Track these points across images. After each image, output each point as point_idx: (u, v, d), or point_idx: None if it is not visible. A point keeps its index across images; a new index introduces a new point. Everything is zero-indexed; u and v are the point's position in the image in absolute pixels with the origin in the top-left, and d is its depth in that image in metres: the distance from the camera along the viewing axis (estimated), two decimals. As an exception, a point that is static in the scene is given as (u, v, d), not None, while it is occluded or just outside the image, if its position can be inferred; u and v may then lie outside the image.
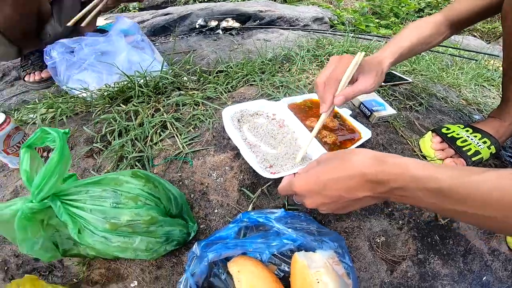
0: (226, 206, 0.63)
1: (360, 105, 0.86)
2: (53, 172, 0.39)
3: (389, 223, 0.65)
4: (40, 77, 1.04)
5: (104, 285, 0.57)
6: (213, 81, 0.99)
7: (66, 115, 0.82)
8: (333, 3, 3.18)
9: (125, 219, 0.43)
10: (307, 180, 0.44)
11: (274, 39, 1.41)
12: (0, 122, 0.66)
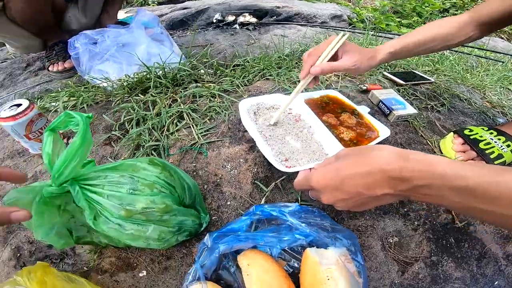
0: (239, 199, 0.63)
1: (379, 103, 0.84)
2: (75, 155, 0.39)
3: (404, 223, 0.63)
4: (64, 67, 1.07)
5: (113, 274, 0.57)
6: (230, 74, 0.99)
7: (87, 103, 0.84)
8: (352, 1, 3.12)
9: (140, 206, 0.43)
10: (325, 175, 0.43)
11: (292, 35, 1.40)
12: (24, 108, 0.68)
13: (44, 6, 0.96)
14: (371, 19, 2.04)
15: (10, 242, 0.63)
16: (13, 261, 0.61)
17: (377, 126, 0.73)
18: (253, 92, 0.87)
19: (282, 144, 0.64)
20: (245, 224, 0.53)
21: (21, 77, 1.12)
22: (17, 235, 0.64)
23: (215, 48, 1.25)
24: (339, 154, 0.46)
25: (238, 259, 0.51)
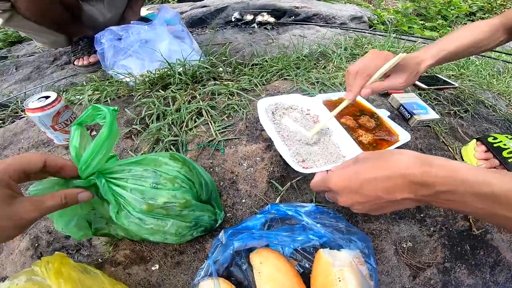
0: (254, 197, 0.63)
1: (399, 107, 0.82)
2: (101, 147, 0.40)
3: (419, 229, 0.63)
4: (88, 61, 1.10)
5: (126, 266, 0.58)
6: (248, 73, 0.99)
7: (110, 97, 0.86)
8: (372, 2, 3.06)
9: (162, 201, 0.44)
10: (344, 177, 0.43)
11: (310, 35, 1.39)
12: (52, 100, 0.71)
13: (49, 4, 0.98)
14: (393, 21, 1.99)
15: (29, 231, 0.65)
16: (31, 251, 0.63)
17: (397, 130, 0.72)
18: (271, 92, 0.87)
19: (299, 145, 0.64)
20: (259, 222, 0.54)
21: (48, 71, 1.17)
22: (36, 225, 0.66)
23: (234, 46, 1.26)
24: (358, 157, 0.45)
25: (251, 256, 0.52)
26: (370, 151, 0.47)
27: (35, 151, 0.82)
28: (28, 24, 1.01)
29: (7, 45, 1.41)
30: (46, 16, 1.00)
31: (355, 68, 0.60)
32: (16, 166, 0.36)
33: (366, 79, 0.59)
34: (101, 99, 0.87)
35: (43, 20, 1.01)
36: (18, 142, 0.87)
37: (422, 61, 0.63)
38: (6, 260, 0.64)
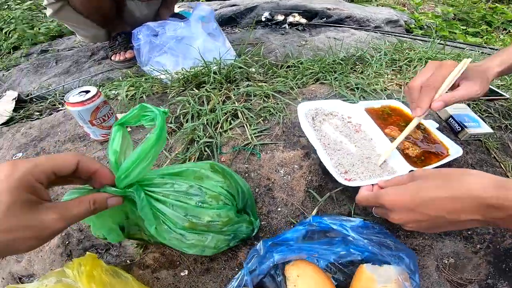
0: (290, 206, 0.60)
1: (448, 118, 0.76)
2: (147, 155, 0.35)
3: (465, 245, 0.60)
4: (125, 57, 1.12)
5: (155, 270, 0.57)
6: (282, 75, 0.96)
7: (146, 93, 0.86)
8: (406, 6, 2.93)
9: (206, 220, 0.41)
10: (402, 195, 0.42)
11: (345, 38, 1.34)
12: (92, 95, 0.71)
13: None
14: (432, 26, 1.89)
15: None
16: (61, 248, 0.63)
17: (447, 143, 0.66)
18: (307, 95, 0.84)
19: (341, 155, 0.60)
20: (300, 234, 0.51)
21: (85, 65, 1.20)
22: None
23: (266, 47, 1.23)
24: (415, 175, 0.44)
25: (287, 268, 0.50)
26: (429, 169, 0.46)
27: (71, 144, 0.83)
28: (76, 17, 1.03)
29: (48, 39, 1.47)
30: (96, 11, 1.02)
31: (417, 83, 0.55)
32: (45, 167, 0.31)
33: (433, 92, 0.53)
34: (137, 95, 0.87)
35: (92, 14, 1.03)
36: (55, 134, 0.89)
37: (488, 68, 0.57)
38: (35, 257, 0.64)
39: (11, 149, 0.90)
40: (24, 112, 1.05)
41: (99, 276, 0.46)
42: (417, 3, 2.56)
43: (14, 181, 0.28)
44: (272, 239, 0.49)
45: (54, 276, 0.48)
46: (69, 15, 1.02)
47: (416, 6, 2.34)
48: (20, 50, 1.39)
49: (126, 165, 0.36)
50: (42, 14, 1.66)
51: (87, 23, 1.07)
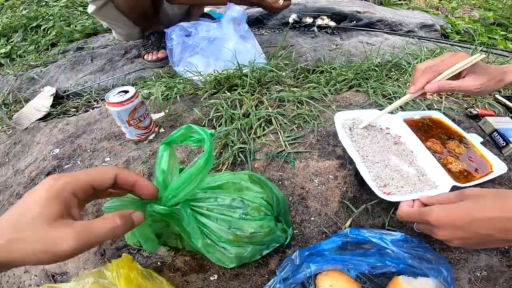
0: (324, 216, 0.60)
1: (493, 132, 0.73)
2: (196, 177, 0.36)
3: (500, 259, 0.58)
4: (157, 57, 1.15)
5: (185, 273, 0.58)
6: (314, 80, 0.96)
7: (180, 94, 0.89)
8: (440, 9, 2.83)
9: (249, 231, 0.42)
10: (451, 213, 0.43)
11: (379, 43, 1.31)
12: (131, 95, 0.74)
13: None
14: (470, 31, 1.81)
15: None
16: (95, 247, 0.64)
17: (491, 159, 0.64)
18: (341, 103, 0.83)
19: (380, 168, 0.60)
20: (336, 245, 0.51)
21: (119, 63, 1.25)
22: None
23: (296, 50, 1.23)
24: (466, 194, 0.45)
25: (319, 278, 0.51)
26: (478, 189, 0.46)
27: (107, 143, 0.87)
28: (116, 15, 1.08)
29: (84, 36, 1.54)
30: (136, 10, 1.07)
31: (423, 65, 0.58)
32: (83, 180, 0.32)
33: (433, 75, 0.56)
34: (171, 95, 0.89)
35: (132, 13, 1.08)
36: (91, 132, 0.93)
37: (508, 72, 0.57)
38: None
39: (49, 145, 0.95)
40: (61, 108, 1.10)
41: (135, 278, 0.48)
42: (454, 7, 2.47)
43: (50, 193, 0.29)
44: (309, 249, 0.50)
45: (91, 277, 0.50)
46: (110, 12, 1.06)
47: (452, 10, 2.26)
48: (58, 47, 1.47)
49: (174, 186, 0.37)
50: (78, 11, 1.74)
51: (125, 21, 1.11)
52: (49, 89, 1.17)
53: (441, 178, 0.57)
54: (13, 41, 1.52)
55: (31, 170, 0.87)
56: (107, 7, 1.04)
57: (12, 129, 1.10)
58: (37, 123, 1.06)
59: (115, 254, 0.63)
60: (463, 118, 0.80)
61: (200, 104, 0.88)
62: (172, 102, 0.89)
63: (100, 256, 0.63)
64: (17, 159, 0.99)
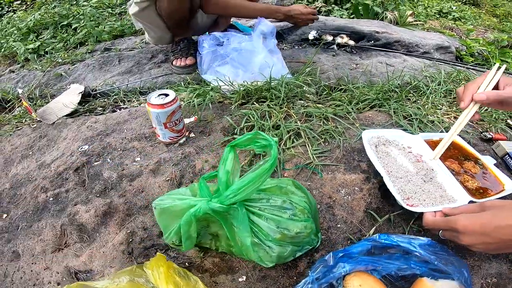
0: (350, 224, 0.69)
1: (505, 155, 0.83)
2: (259, 179, 0.43)
3: (509, 267, 0.66)
4: (185, 63, 1.26)
5: (214, 274, 0.63)
6: (337, 98, 1.06)
7: (211, 101, 0.98)
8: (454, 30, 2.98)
9: (294, 231, 0.50)
10: (476, 221, 0.51)
11: (397, 64, 1.43)
12: (171, 99, 0.84)
13: (185, 4, 1.15)
14: (483, 53, 1.95)
15: (127, 225, 0.73)
16: (124, 245, 0.69)
17: (503, 179, 0.74)
18: (364, 122, 0.93)
19: (404, 182, 0.69)
20: (365, 249, 0.59)
21: (146, 67, 1.35)
22: (135, 219, 0.74)
23: (318, 67, 1.33)
24: (487, 205, 0.54)
25: (347, 279, 0.57)
26: (498, 200, 0.56)
27: (137, 143, 0.95)
28: (154, 18, 1.19)
29: (111, 37, 1.66)
30: (176, 15, 1.17)
31: (462, 87, 0.69)
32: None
33: (474, 88, 0.67)
34: (202, 102, 0.99)
35: (171, 18, 1.18)
36: (121, 131, 1.02)
37: None
38: (97, 252, 0.70)
39: (77, 141, 1.03)
40: (88, 106, 1.20)
41: (172, 277, 0.53)
42: (469, 29, 2.62)
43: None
44: (342, 251, 0.58)
45: (126, 275, 0.54)
46: (150, 15, 1.17)
47: (468, 32, 2.40)
48: (86, 46, 1.58)
49: (237, 186, 0.44)
50: (107, 13, 1.87)
51: (160, 26, 1.22)
52: (77, 86, 1.26)
53: (459, 193, 0.67)
54: (43, 38, 1.63)
55: (58, 164, 0.94)
56: (149, 9, 1.14)
57: (36, 122, 1.18)
58: (64, 118, 1.15)
59: (142, 253, 0.68)
60: (478, 141, 0.90)
61: (229, 113, 0.98)
62: (203, 108, 0.98)
63: (128, 254, 0.68)
64: (42, 152, 1.05)
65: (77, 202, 0.81)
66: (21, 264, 0.72)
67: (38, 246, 0.74)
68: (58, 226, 0.76)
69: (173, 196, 0.58)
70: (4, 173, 1.01)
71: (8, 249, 0.75)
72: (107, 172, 0.87)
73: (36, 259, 0.72)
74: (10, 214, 0.85)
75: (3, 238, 0.78)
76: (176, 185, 0.81)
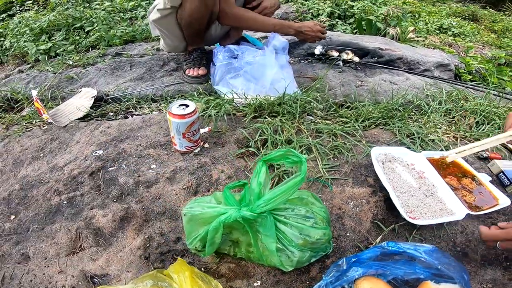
0: (358, 233, 0.78)
1: (499, 173, 0.95)
2: (289, 191, 0.52)
3: (502, 274, 0.74)
4: (198, 73, 1.35)
5: (229, 279, 0.68)
6: (344, 115, 1.16)
7: (226, 113, 1.07)
8: (453, 46, 3.16)
9: (315, 237, 0.60)
10: None
11: (400, 82, 1.55)
12: (191, 110, 0.92)
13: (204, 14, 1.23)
14: (481, 71, 2.09)
15: (145, 231, 0.79)
16: (141, 250, 0.74)
17: (497, 194, 0.85)
18: (370, 139, 1.04)
19: (407, 197, 0.79)
20: (375, 255, 0.68)
21: (158, 74, 1.44)
22: (152, 225, 0.80)
23: (327, 84, 1.43)
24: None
25: (358, 282, 0.65)
26: None
27: (153, 151, 1.03)
28: (173, 26, 1.28)
29: (122, 42, 1.74)
30: (195, 25, 1.26)
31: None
32: None
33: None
34: (216, 113, 1.07)
35: (189, 27, 1.27)
36: (135, 138, 1.10)
37: None
38: (114, 256, 0.74)
39: (91, 145, 1.09)
40: (100, 111, 1.27)
41: (196, 281, 0.58)
42: (469, 46, 2.78)
43: None
44: (354, 256, 0.67)
45: (150, 279, 0.58)
46: (170, 23, 1.26)
47: (467, 49, 2.56)
48: (97, 50, 1.66)
49: (268, 197, 0.53)
50: (119, 17, 1.95)
51: (177, 34, 1.31)
52: (89, 90, 1.34)
53: (458, 207, 0.78)
54: (55, 39, 1.70)
55: (72, 168, 0.99)
56: (170, 17, 1.24)
57: (47, 124, 1.23)
58: (77, 122, 1.21)
59: (159, 258, 0.74)
60: (475, 159, 1.02)
61: (242, 125, 1.07)
62: (217, 120, 1.07)
63: (145, 259, 0.73)
64: (53, 155, 1.10)
65: (93, 206, 0.86)
66: (31, 266, 0.75)
67: (51, 249, 0.78)
68: (73, 229, 0.80)
69: (202, 204, 0.66)
70: (12, 174, 1.05)
71: (17, 251, 0.78)
72: (123, 178, 0.93)
73: (49, 262, 0.75)
74: (19, 216, 0.88)
75: (10, 240, 0.81)
76: (192, 193, 0.89)
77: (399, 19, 2.98)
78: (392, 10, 3.04)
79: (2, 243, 0.80)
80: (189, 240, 0.68)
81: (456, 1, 6.03)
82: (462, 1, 6.07)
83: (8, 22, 2.13)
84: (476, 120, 1.22)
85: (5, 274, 0.74)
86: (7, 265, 0.76)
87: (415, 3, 4.53)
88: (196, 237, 0.65)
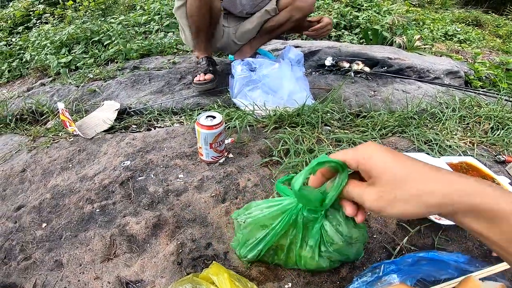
0: (384, 234, 0.84)
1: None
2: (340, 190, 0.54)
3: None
4: (204, 78, 1.42)
5: (260, 282, 0.71)
6: (360, 124, 1.23)
7: (249, 125, 1.15)
8: (461, 53, 3.24)
9: (354, 236, 0.65)
10: None
11: (413, 91, 1.62)
12: (219, 121, 0.99)
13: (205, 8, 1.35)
14: (490, 77, 2.16)
15: (177, 237, 0.83)
16: (174, 256, 0.77)
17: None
18: (388, 147, 1.10)
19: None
20: (411, 260, 0.73)
21: (176, 87, 1.52)
22: (184, 232, 0.83)
23: (340, 94, 1.51)
24: None
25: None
26: None
27: (179, 161, 1.10)
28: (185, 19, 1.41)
29: (139, 56, 1.83)
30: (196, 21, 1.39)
31: None
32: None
33: None
34: (238, 125, 1.15)
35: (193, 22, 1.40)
36: (161, 149, 1.17)
37: None
38: (148, 262, 0.77)
39: (119, 156, 1.16)
40: (123, 124, 1.35)
41: (234, 283, 0.62)
42: (477, 52, 2.87)
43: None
44: (392, 263, 0.71)
45: (188, 283, 0.62)
46: (181, 14, 1.41)
47: (475, 56, 2.64)
48: (116, 64, 1.75)
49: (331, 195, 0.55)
50: (134, 31, 2.05)
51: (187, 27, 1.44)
52: (112, 103, 1.42)
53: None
54: (75, 52, 1.80)
55: (102, 178, 1.05)
56: (182, 9, 1.39)
57: (73, 136, 1.31)
58: (103, 134, 1.29)
59: (190, 264, 0.78)
60: (492, 163, 1.08)
61: (264, 136, 1.14)
62: (241, 130, 1.14)
63: (177, 265, 0.76)
64: (82, 165, 1.17)
65: (126, 214, 0.91)
66: (65, 273, 0.77)
67: (86, 255, 0.81)
68: (107, 236, 0.85)
69: (254, 208, 0.71)
70: (42, 184, 1.11)
71: (50, 258, 0.81)
72: (152, 187, 0.99)
73: (84, 269, 0.78)
74: (51, 224, 0.91)
75: (43, 247, 0.84)
76: (220, 201, 0.95)
77: (405, 27, 3.08)
78: (397, 19, 3.15)
79: (34, 250, 0.84)
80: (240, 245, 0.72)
81: (458, 6, 6.18)
82: (464, 7, 6.22)
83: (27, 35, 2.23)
84: (490, 126, 1.29)
85: (37, 281, 0.77)
86: (39, 272, 0.78)
87: (418, 11, 4.65)
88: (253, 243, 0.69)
